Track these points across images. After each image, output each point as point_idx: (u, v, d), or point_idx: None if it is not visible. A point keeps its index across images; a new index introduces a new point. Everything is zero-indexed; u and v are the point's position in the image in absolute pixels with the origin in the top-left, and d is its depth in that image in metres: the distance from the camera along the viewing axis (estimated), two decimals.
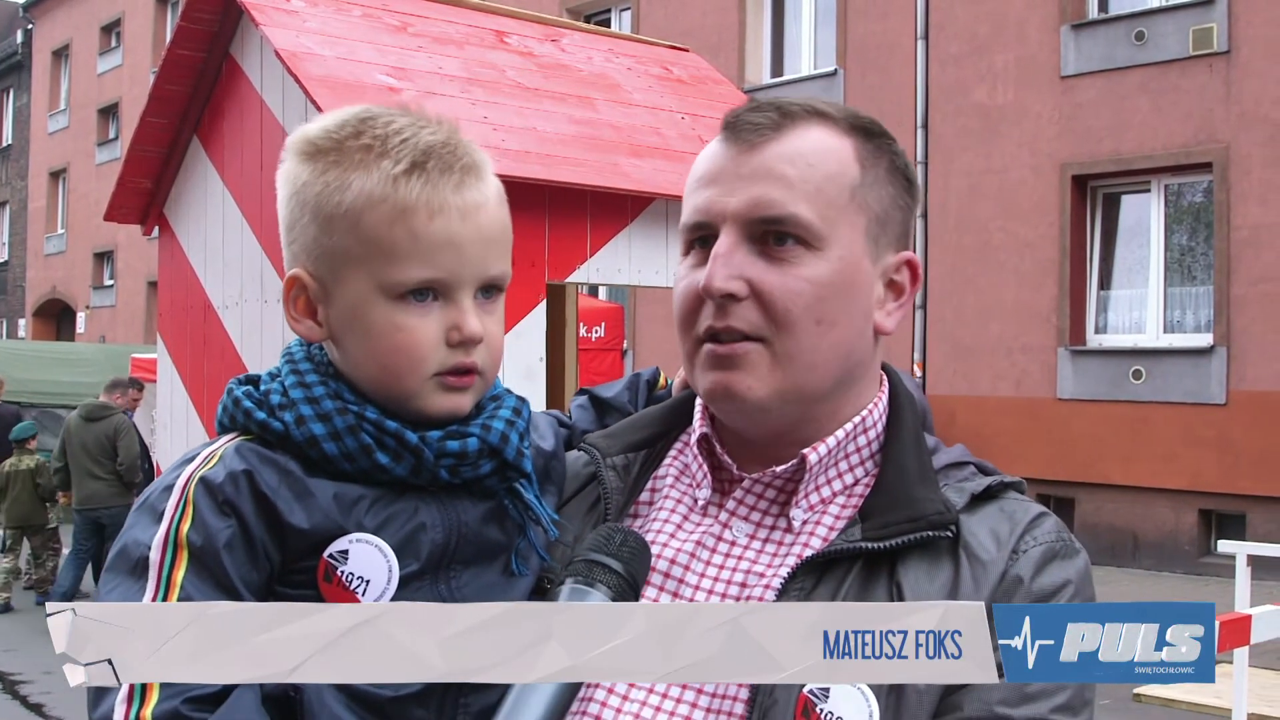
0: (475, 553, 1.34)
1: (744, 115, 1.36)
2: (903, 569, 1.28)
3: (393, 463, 1.29)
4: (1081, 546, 1.35)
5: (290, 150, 1.34)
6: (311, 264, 1.32)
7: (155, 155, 5.41)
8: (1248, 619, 5.09)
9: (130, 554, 1.24)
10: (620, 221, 4.58)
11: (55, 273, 36.41)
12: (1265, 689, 8.18)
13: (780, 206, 1.31)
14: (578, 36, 5.73)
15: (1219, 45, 12.93)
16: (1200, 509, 13.08)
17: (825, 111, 1.38)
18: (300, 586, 1.27)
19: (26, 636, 10.44)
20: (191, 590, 1.20)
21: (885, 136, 1.40)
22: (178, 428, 5.48)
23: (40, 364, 18.90)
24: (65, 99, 36.41)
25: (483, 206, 1.31)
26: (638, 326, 18.22)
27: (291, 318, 1.35)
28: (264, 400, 1.33)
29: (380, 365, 1.30)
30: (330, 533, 1.26)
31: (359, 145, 1.29)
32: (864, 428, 1.40)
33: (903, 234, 1.41)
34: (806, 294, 1.31)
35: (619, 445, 1.49)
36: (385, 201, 1.26)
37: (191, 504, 1.24)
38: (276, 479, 1.26)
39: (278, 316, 4.61)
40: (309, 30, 4.48)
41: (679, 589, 1.34)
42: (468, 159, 1.31)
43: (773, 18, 18.08)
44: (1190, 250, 13.65)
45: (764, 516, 1.38)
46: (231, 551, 1.23)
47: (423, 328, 1.29)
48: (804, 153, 1.33)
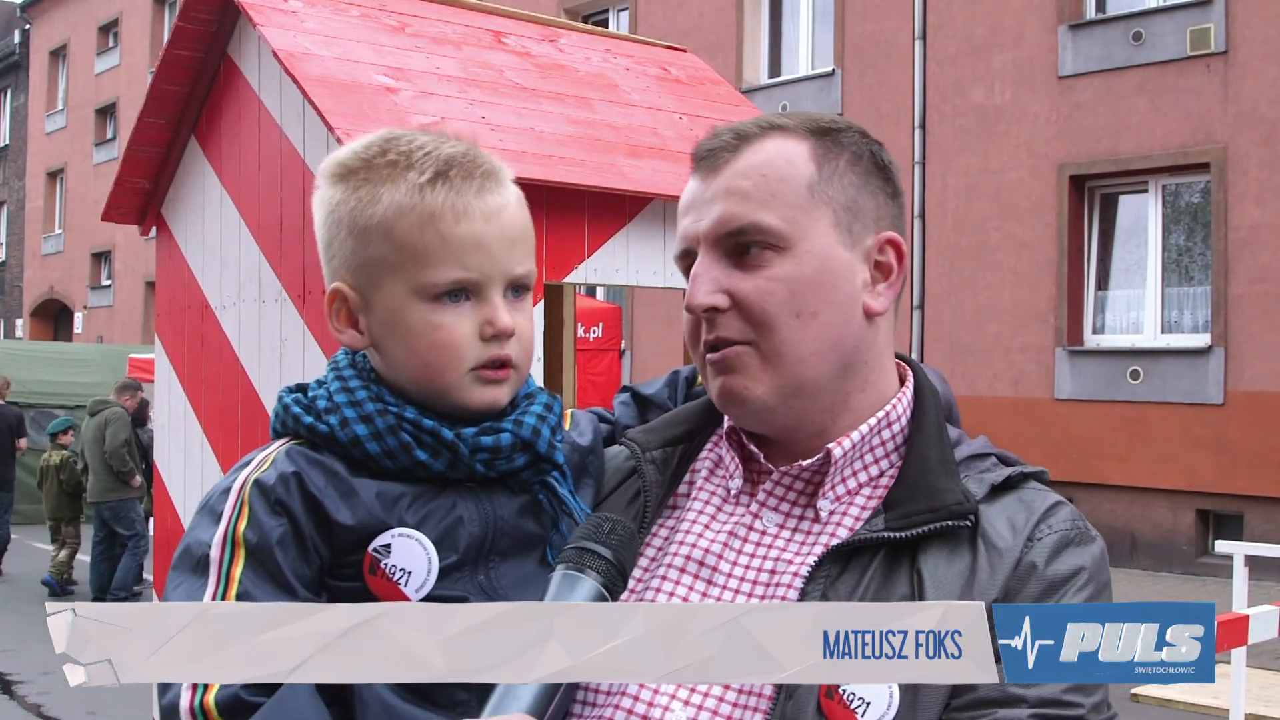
0: (512, 545, 1.42)
1: (704, 144, 1.47)
2: (923, 558, 1.32)
3: (431, 458, 1.38)
4: (1098, 535, 1.39)
5: (322, 176, 1.44)
6: (351, 276, 1.42)
7: (153, 155, 5.41)
8: (1245, 619, 5.09)
9: (193, 553, 1.33)
10: (618, 222, 4.58)
11: (53, 273, 36.39)
12: (1263, 689, 8.18)
13: (740, 218, 1.39)
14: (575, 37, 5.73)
15: (1217, 45, 12.94)
16: (1198, 509, 13.09)
17: (780, 124, 1.46)
18: (349, 579, 1.35)
19: (24, 636, 10.43)
20: (249, 584, 1.29)
21: (844, 131, 1.46)
22: (175, 428, 5.48)
23: (38, 364, 18.90)
24: (63, 99, 36.39)
25: (504, 209, 1.41)
26: (635, 327, 18.22)
27: (335, 329, 1.44)
28: (311, 405, 1.42)
29: (422, 363, 1.39)
30: (374, 528, 1.35)
31: (385, 162, 1.39)
32: (888, 422, 1.45)
33: (880, 216, 1.45)
34: (779, 292, 1.38)
35: (658, 440, 1.55)
36: (414, 210, 1.36)
37: (247, 505, 1.34)
38: (324, 479, 1.36)
39: (275, 316, 4.61)
40: (306, 30, 4.47)
41: (712, 577, 1.40)
42: (487, 166, 1.42)
43: (770, 18, 18.08)
44: (1188, 250, 13.66)
45: (792, 507, 1.44)
46: (284, 548, 1.32)
47: (458, 325, 1.38)
48: (758, 165, 1.41)
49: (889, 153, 1.51)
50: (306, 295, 4.40)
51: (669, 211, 4.71)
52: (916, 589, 1.30)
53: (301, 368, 4.44)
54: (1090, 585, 1.32)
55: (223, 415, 5.03)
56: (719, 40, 17.75)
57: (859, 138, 1.47)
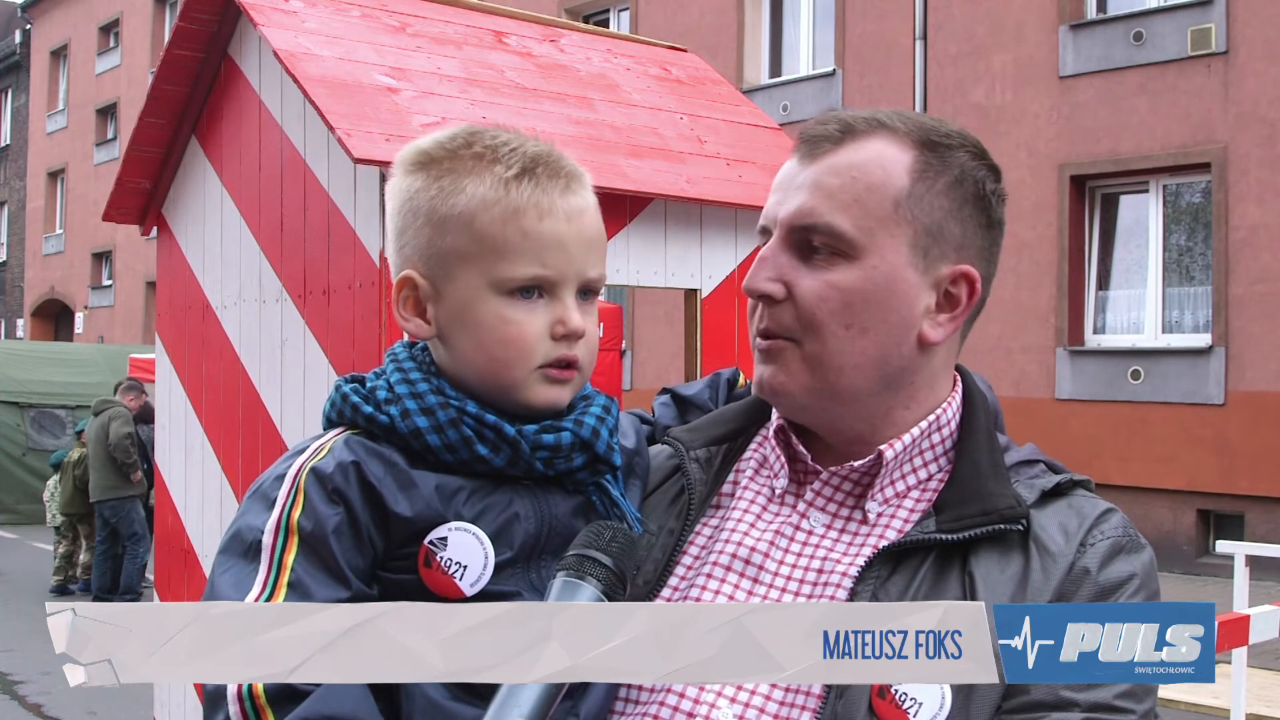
0: (563, 544, 1.39)
1: (809, 128, 1.44)
2: (975, 560, 1.32)
3: (492, 454, 1.37)
4: (1147, 542, 1.39)
5: (401, 164, 1.44)
6: (424, 265, 1.41)
7: (153, 155, 5.40)
8: (1246, 619, 5.09)
9: (244, 538, 1.32)
10: (619, 222, 4.58)
11: (53, 273, 36.39)
12: (1263, 689, 8.18)
13: (816, 216, 1.38)
14: (576, 37, 5.72)
15: (1217, 46, 12.94)
16: (1198, 509, 13.09)
17: (891, 124, 1.42)
18: (402, 572, 1.34)
19: (25, 636, 10.44)
20: (301, 573, 1.28)
21: (956, 149, 1.43)
22: (176, 428, 5.48)
23: (38, 364, 18.90)
24: (63, 99, 36.39)
25: (586, 211, 1.42)
26: (636, 327, 18.22)
27: (401, 317, 1.43)
28: (370, 395, 1.41)
29: (489, 357, 1.39)
30: (431, 521, 1.34)
31: (471, 153, 1.39)
32: (938, 425, 1.45)
33: (964, 245, 1.42)
34: (834, 299, 1.37)
35: (702, 439, 1.55)
36: (498, 203, 1.36)
37: (303, 492, 1.32)
38: (382, 470, 1.34)
39: (276, 317, 4.61)
40: (307, 30, 4.47)
41: (759, 575, 1.40)
42: (571, 168, 1.42)
43: (771, 18, 18.08)
44: (1188, 250, 13.65)
45: (840, 508, 1.43)
46: (339, 537, 1.31)
47: (530, 321, 1.38)
48: (853, 164, 1.39)
49: (1001, 181, 1.47)
50: (307, 295, 4.41)
51: (670, 211, 4.71)
52: (969, 591, 1.30)
53: (302, 368, 4.44)
54: (1142, 592, 1.32)
55: (223, 415, 5.03)
56: (720, 40, 17.75)
57: (969, 160, 1.43)
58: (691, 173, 4.78)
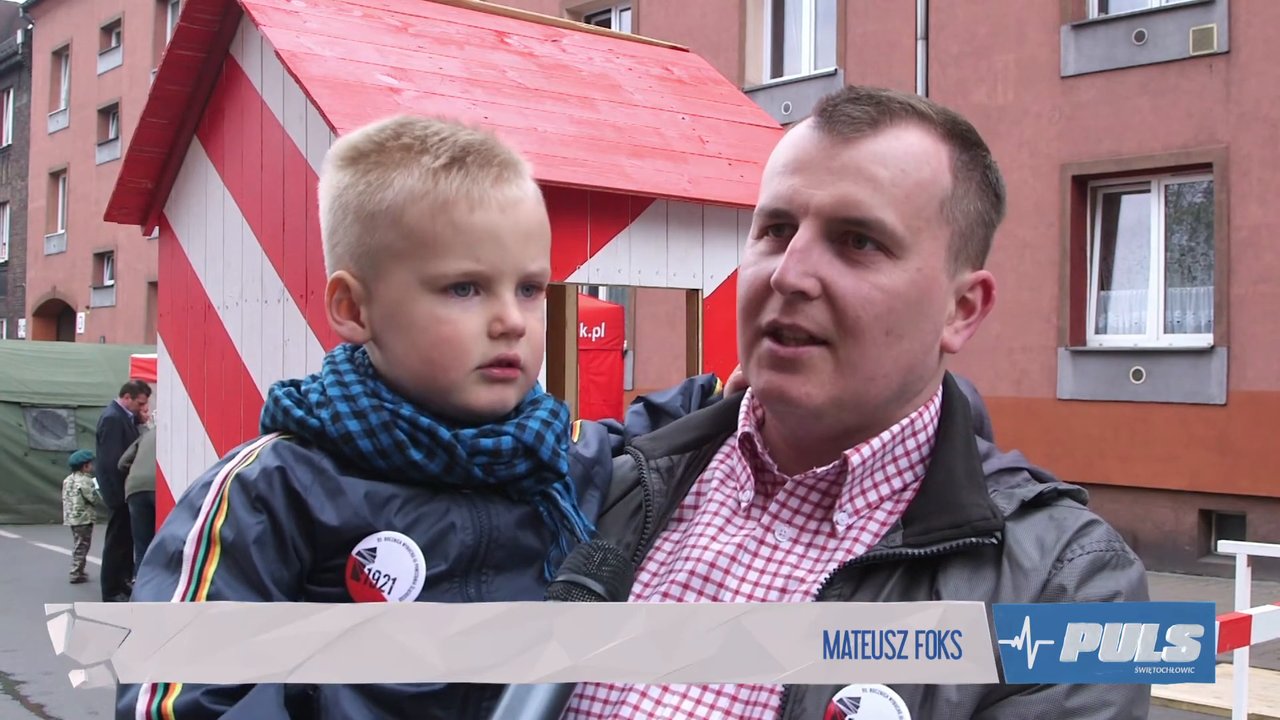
0: (507, 557, 1.35)
1: (841, 105, 1.31)
2: (943, 577, 1.24)
3: (426, 459, 1.30)
4: (1136, 557, 1.28)
5: (330, 160, 1.37)
6: (355, 264, 1.35)
7: (155, 155, 5.41)
8: (1248, 619, 5.09)
9: (166, 548, 1.27)
10: (620, 222, 4.58)
11: (55, 273, 36.41)
12: (1265, 689, 8.17)
13: (867, 209, 1.26)
14: (578, 37, 5.72)
15: (1219, 45, 12.93)
16: (1200, 509, 13.08)
17: (923, 111, 1.33)
18: (330, 585, 1.28)
19: (27, 636, 10.44)
20: (221, 585, 1.22)
21: (981, 146, 1.36)
22: (178, 428, 5.47)
23: (40, 364, 18.90)
24: (65, 99, 36.40)
25: (521, 201, 1.34)
26: (638, 327, 18.21)
27: (334, 320, 1.37)
28: (303, 399, 1.35)
29: (424, 359, 1.32)
30: (360, 530, 1.28)
31: (399, 145, 1.33)
32: (912, 431, 1.35)
33: (982, 251, 1.37)
34: (879, 303, 1.27)
35: (664, 447, 1.47)
36: (426, 196, 1.30)
37: (226, 500, 1.26)
38: (310, 476, 1.28)
39: (277, 316, 4.61)
40: (309, 31, 4.47)
41: (718, 593, 1.32)
42: (506, 156, 1.35)
43: (773, 18, 18.07)
44: (1190, 250, 13.64)
45: (808, 520, 1.35)
46: (262, 548, 1.25)
47: (465, 320, 1.31)
48: (898, 155, 1.28)
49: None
50: (309, 295, 4.41)
51: (671, 211, 4.71)
52: None
53: (304, 367, 4.44)
54: None
55: (225, 414, 5.03)
56: (721, 40, 17.75)
57: (989, 158, 1.37)
58: (693, 173, 4.78)
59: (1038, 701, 1.16)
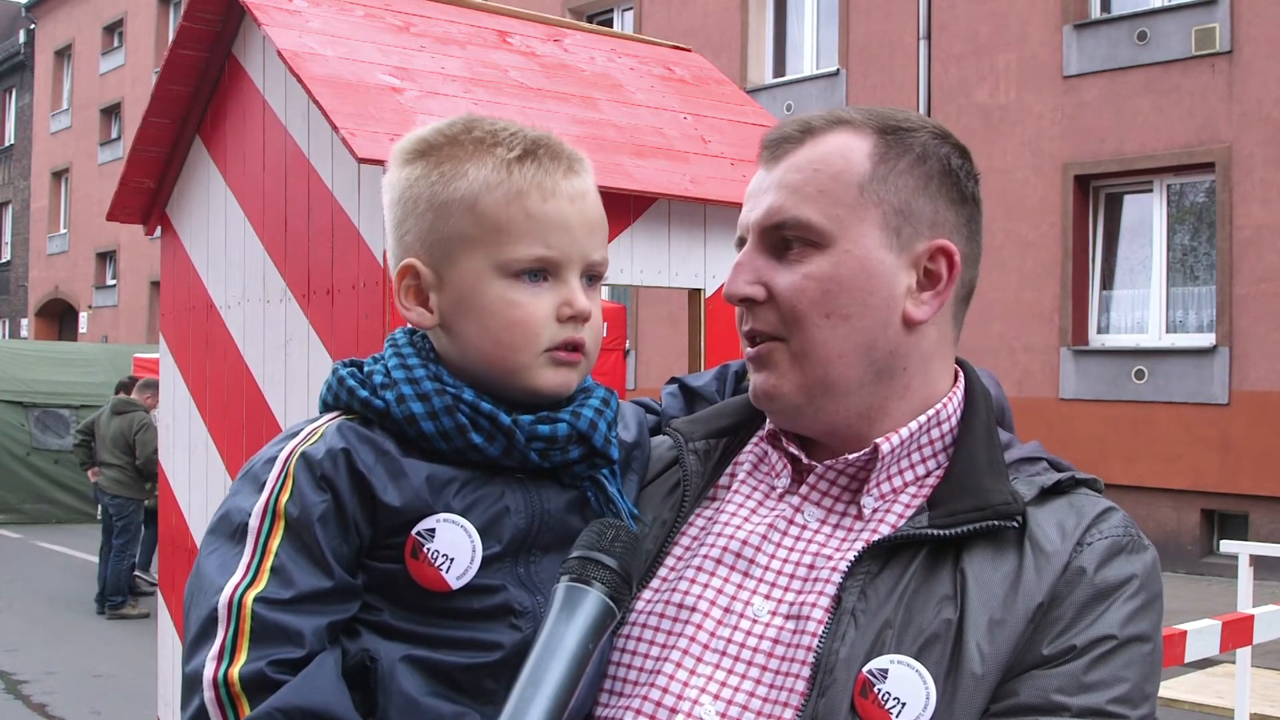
0: (554, 540, 1.39)
1: (770, 134, 1.46)
2: (968, 558, 1.30)
3: (486, 443, 1.35)
4: (1150, 543, 1.36)
5: (398, 154, 1.44)
6: (426, 252, 1.40)
7: (157, 155, 5.41)
8: (1250, 619, 5.09)
9: (232, 519, 1.32)
10: (623, 221, 4.58)
11: (57, 272, 36.43)
12: (1267, 689, 8.17)
13: (785, 212, 1.39)
14: (580, 36, 5.72)
15: (1221, 45, 12.92)
16: (1202, 509, 13.08)
17: (848, 119, 1.44)
18: (388, 561, 1.33)
19: (29, 636, 10.45)
20: (285, 558, 1.28)
21: (916, 131, 1.44)
22: (180, 428, 5.48)
23: (42, 364, 18.91)
24: (67, 99, 36.43)
25: (588, 193, 1.42)
26: (640, 327, 18.22)
27: (403, 306, 1.42)
28: (367, 380, 1.40)
29: (495, 341, 1.38)
30: (420, 511, 1.33)
31: (471, 139, 1.40)
32: (938, 420, 1.43)
33: (938, 222, 1.42)
34: (811, 290, 1.37)
35: (702, 431, 1.54)
36: (501, 185, 1.36)
37: (291, 477, 1.32)
38: (373, 458, 1.33)
39: (279, 316, 4.62)
40: (311, 30, 4.47)
41: (749, 569, 1.38)
42: (572, 151, 1.43)
43: (775, 18, 18.07)
44: (1193, 250, 13.64)
45: (835, 503, 1.42)
46: (325, 524, 1.30)
47: (536, 304, 1.37)
48: (814, 159, 1.40)
49: (971, 160, 1.48)
50: (311, 295, 4.41)
51: (673, 211, 4.71)
52: (959, 589, 1.28)
53: (306, 368, 4.44)
54: (1141, 594, 1.29)
55: (227, 415, 5.04)
56: (724, 40, 17.75)
57: (931, 139, 1.44)
58: (695, 172, 4.78)
59: (1057, 676, 1.22)
